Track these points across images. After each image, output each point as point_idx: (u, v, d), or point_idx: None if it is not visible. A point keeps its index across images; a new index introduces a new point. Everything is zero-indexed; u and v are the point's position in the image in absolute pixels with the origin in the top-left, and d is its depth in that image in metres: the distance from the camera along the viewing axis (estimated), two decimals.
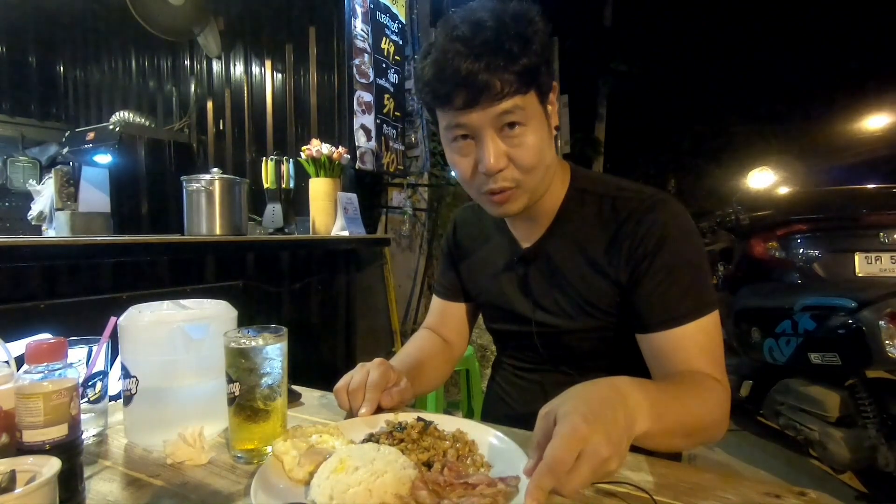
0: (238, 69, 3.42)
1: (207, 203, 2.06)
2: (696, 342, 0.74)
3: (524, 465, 0.48)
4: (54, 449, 0.51)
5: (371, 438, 0.63)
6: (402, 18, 3.38)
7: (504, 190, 0.76)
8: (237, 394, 0.63)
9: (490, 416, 1.02)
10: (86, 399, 0.70)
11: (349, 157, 2.55)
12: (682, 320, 0.74)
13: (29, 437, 0.51)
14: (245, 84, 3.37)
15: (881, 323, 1.85)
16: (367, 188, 2.98)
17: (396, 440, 0.61)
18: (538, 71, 0.71)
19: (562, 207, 0.86)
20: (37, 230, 2.55)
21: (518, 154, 0.73)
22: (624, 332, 0.81)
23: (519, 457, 0.57)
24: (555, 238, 0.86)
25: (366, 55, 2.97)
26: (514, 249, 0.92)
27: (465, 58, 0.68)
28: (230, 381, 0.63)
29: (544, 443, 0.46)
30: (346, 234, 2.37)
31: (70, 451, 0.53)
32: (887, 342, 1.83)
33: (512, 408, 0.98)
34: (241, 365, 0.63)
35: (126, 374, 0.69)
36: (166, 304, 0.76)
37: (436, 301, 1.09)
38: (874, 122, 8.96)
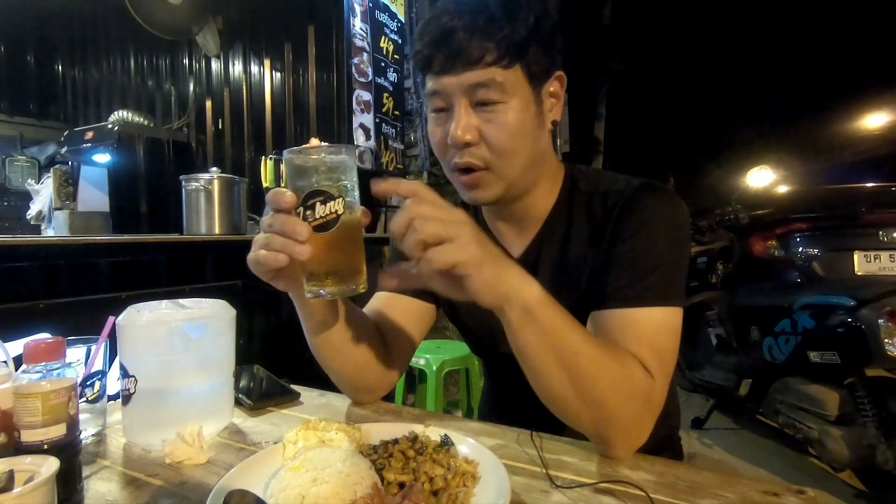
0: (237, 68, 3.42)
1: (206, 202, 2.06)
2: (638, 329, 0.66)
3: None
4: (52, 449, 0.51)
5: (380, 447, 0.60)
6: (401, 17, 3.38)
7: (472, 169, 0.70)
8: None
9: (487, 415, 1.00)
10: (84, 399, 0.70)
11: None
12: (630, 302, 0.67)
13: (27, 436, 0.51)
14: (244, 83, 3.37)
15: (880, 321, 1.85)
16: (366, 187, 2.99)
17: (388, 453, 0.59)
18: (526, 45, 0.66)
19: (553, 210, 0.79)
20: (35, 230, 2.55)
21: (490, 131, 0.68)
22: None
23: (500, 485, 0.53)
24: (546, 245, 0.79)
25: (365, 54, 2.97)
26: None
27: (449, 17, 0.66)
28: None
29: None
30: None
31: (68, 451, 0.53)
32: (886, 340, 1.83)
33: (510, 406, 0.96)
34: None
35: (124, 373, 0.69)
36: (165, 303, 0.76)
37: (380, 295, 0.87)
38: (873, 120, 8.97)
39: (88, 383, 0.71)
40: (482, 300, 0.55)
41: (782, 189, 3.33)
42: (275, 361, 0.98)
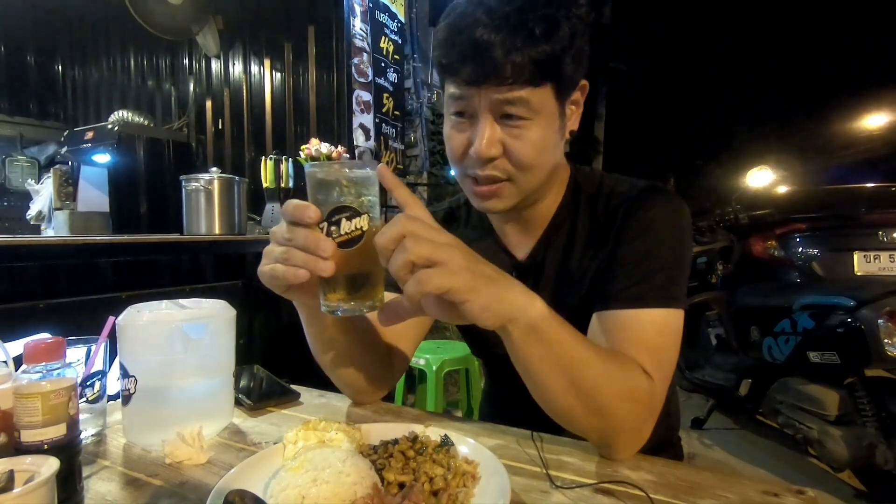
0: (237, 68, 3.42)
1: (206, 202, 2.06)
2: (640, 330, 0.66)
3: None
4: (52, 449, 0.51)
5: (380, 447, 0.60)
6: (402, 17, 3.38)
7: (494, 181, 0.69)
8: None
9: (487, 415, 1.00)
10: (84, 399, 0.70)
11: (348, 156, 2.56)
12: (633, 303, 0.67)
13: (27, 436, 0.51)
14: (244, 83, 3.37)
15: (880, 321, 1.85)
16: None
17: (388, 453, 0.58)
18: (560, 62, 0.64)
19: (557, 212, 0.80)
20: (35, 230, 2.55)
21: (515, 147, 0.67)
22: None
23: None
24: (552, 247, 0.80)
25: (365, 54, 2.97)
26: (507, 262, 0.83)
27: (482, 27, 0.62)
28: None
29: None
30: None
31: (68, 451, 0.52)
32: (886, 341, 1.83)
33: (510, 407, 0.96)
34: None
35: (124, 373, 0.69)
36: (165, 303, 0.76)
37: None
38: (873, 121, 8.97)
39: (88, 383, 0.71)
40: (482, 323, 0.53)
41: (782, 189, 3.33)
42: (275, 361, 0.98)
